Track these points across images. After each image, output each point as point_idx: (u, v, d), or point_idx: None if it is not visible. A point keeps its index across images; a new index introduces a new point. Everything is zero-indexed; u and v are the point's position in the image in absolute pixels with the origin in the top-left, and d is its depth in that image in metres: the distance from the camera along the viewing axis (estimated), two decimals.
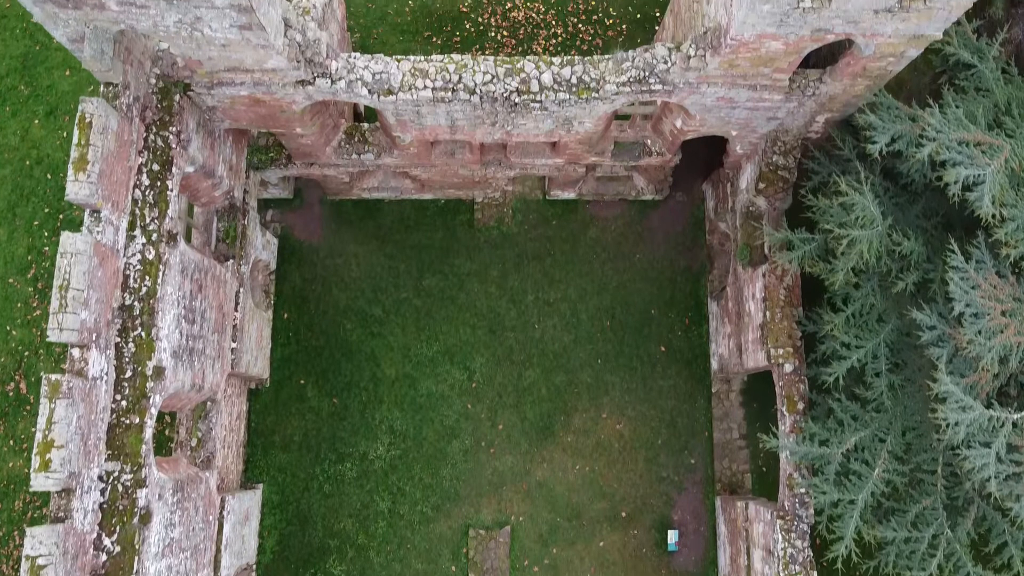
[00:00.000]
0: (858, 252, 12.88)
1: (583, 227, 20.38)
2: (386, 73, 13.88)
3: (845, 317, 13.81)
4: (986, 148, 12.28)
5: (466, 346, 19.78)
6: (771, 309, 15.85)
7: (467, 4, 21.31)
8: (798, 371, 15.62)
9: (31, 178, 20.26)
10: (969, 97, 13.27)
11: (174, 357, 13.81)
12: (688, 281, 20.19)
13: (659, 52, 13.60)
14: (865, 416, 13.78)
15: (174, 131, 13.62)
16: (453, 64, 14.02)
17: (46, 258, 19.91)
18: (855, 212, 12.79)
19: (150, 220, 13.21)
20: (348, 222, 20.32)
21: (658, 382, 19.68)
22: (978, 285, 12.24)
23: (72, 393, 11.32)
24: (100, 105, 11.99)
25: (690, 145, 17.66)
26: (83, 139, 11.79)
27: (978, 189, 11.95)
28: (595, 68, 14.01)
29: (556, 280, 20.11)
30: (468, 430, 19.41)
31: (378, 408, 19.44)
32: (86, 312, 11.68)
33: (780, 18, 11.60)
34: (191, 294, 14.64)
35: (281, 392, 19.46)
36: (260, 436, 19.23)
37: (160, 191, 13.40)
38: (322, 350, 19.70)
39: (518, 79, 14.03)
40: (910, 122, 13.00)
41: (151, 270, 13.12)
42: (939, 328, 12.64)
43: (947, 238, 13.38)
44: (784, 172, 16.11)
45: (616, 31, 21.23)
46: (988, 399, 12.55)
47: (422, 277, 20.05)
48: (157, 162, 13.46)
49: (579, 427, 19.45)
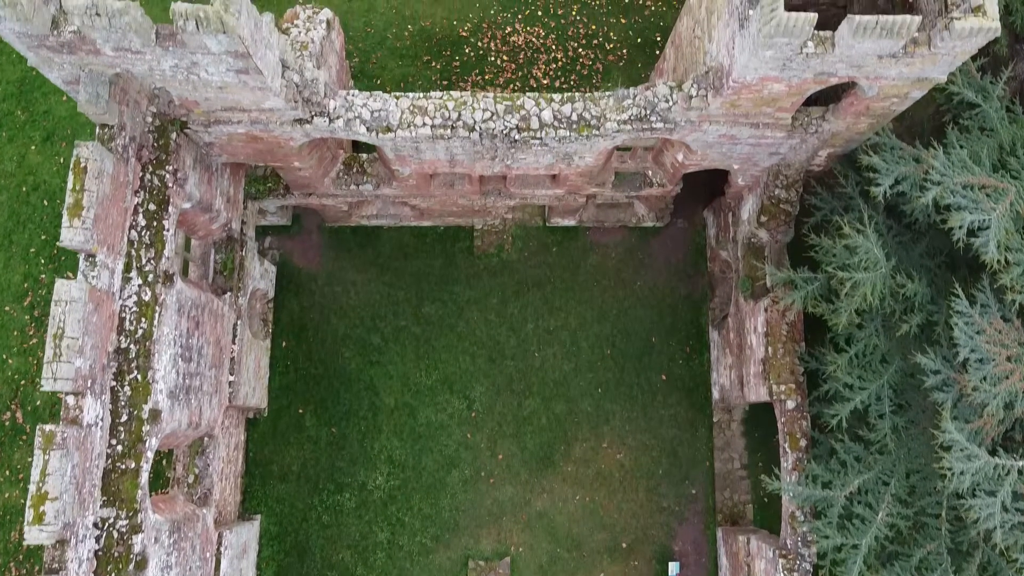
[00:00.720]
0: (861, 295, 12.74)
1: (583, 254, 20.24)
2: (384, 111, 13.74)
3: (848, 358, 13.67)
4: (991, 191, 12.15)
5: (465, 375, 19.63)
6: (773, 344, 15.72)
7: (467, 29, 21.18)
8: (800, 408, 15.49)
9: (27, 204, 20.12)
10: (973, 137, 13.13)
11: (170, 398, 13.68)
12: (689, 309, 20.04)
13: (660, 91, 13.46)
14: (868, 458, 13.65)
15: (170, 170, 13.49)
16: (452, 101, 13.88)
17: (42, 286, 19.77)
18: (858, 255, 12.65)
19: (146, 261, 13.08)
20: (347, 249, 20.18)
21: (659, 411, 19.54)
22: (983, 330, 12.11)
23: (66, 443, 11.18)
24: (95, 149, 11.85)
25: (692, 172, 17.52)
26: (78, 184, 11.65)
27: (983, 234, 11.82)
28: (596, 105, 13.88)
29: (556, 308, 19.97)
30: (468, 460, 19.26)
31: (377, 437, 19.29)
32: (81, 360, 11.54)
33: (783, 62, 11.47)
34: (188, 332, 14.50)
35: (279, 421, 19.31)
36: (258, 466, 19.09)
37: (156, 231, 13.27)
38: (321, 379, 19.56)
39: (518, 116, 13.90)
40: (914, 163, 12.87)
41: (147, 312, 12.99)
42: (943, 373, 12.50)
43: (951, 279, 13.25)
44: (786, 205, 15.97)
45: (616, 56, 21.10)
46: (993, 444, 12.42)
47: (421, 305, 19.91)
48: (153, 201, 13.33)
49: (579, 456, 19.31)
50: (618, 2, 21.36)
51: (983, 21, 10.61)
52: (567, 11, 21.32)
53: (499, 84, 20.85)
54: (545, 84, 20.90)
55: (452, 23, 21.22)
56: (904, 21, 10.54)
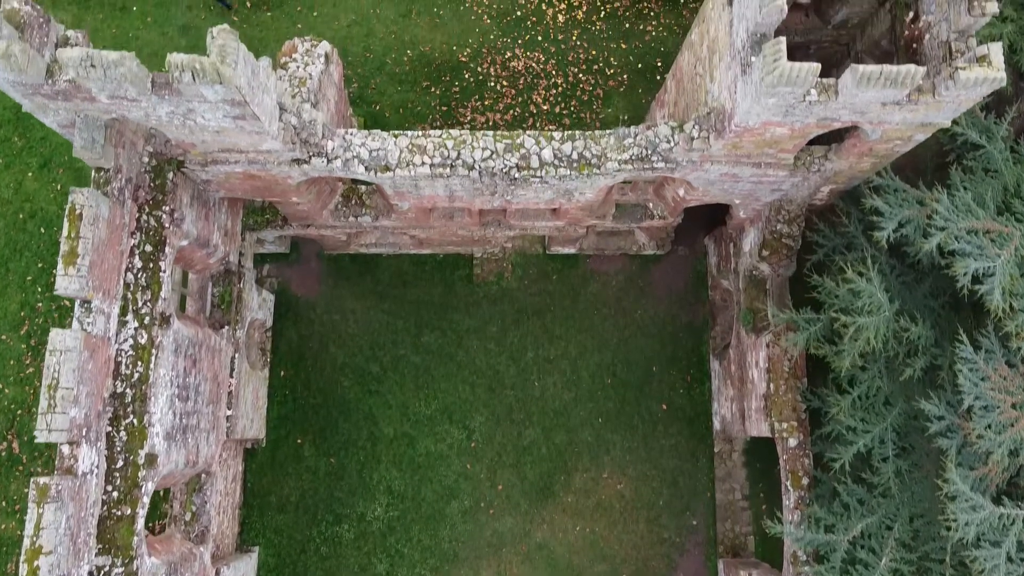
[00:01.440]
0: (864, 339, 12.61)
1: (584, 282, 20.12)
2: (383, 150, 13.62)
3: (851, 400, 13.54)
4: (995, 236, 12.03)
5: (465, 404, 19.50)
6: (775, 381, 15.59)
7: (466, 54, 21.05)
8: (803, 446, 15.36)
9: (24, 232, 19.98)
10: (977, 178, 13.02)
11: (167, 439, 13.54)
12: (690, 337, 19.91)
13: (662, 131, 13.34)
14: (872, 501, 13.52)
15: (167, 210, 13.37)
16: (451, 140, 13.75)
17: (39, 314, 19.64)
18: (862, 298, 12.53)
19: (142, 304, 12.96)
20: (346, 277, 20.05)
21: (659, 441, 19.40)
22: (988, 377, 11.99)
23: (61, 495, 11.05)
24: (91, 195, 11.73)
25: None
26: (73, 231, 11.53)
27: (988, 281, 11.69)
28: (596, 144, 13.75)
29: (556, 336, 19.84)
30: (467, 490, 19.13)
31: (376, 468, 19.16)
32: (76, 409, 11.42)
33: (786, 109, 11.35)
34: (185, 371, 14.37)
35: (278, 451, 19.18)
36: (256, 497, 18.95)
37: (153, 273, 13.15)
38: (319, 408, 19.43)
39: (518, 155, 13.77)
40: (917, 206, 12.75)
41: (144, 355, 12.86)
42: (947, 419, 12.38)
43: (956, 321, 13.14)
44: (788, 240, 15.85)
45: (617, 81, 20.98)
46: (997, 491, 12.30)
47: (420, 334, 19.78)
48: (150, 243, 13.22)
49: (579, 487, 19.18)
50: (618, 27, 21.24)
51: (988, 71, 10.49)
52: (567, 36, 21.20)
53: (499, 110, 20.73)
54: (545, 110, 20.78)
55: (451, 48, 21.10)
56: (908, 71, 10.42)
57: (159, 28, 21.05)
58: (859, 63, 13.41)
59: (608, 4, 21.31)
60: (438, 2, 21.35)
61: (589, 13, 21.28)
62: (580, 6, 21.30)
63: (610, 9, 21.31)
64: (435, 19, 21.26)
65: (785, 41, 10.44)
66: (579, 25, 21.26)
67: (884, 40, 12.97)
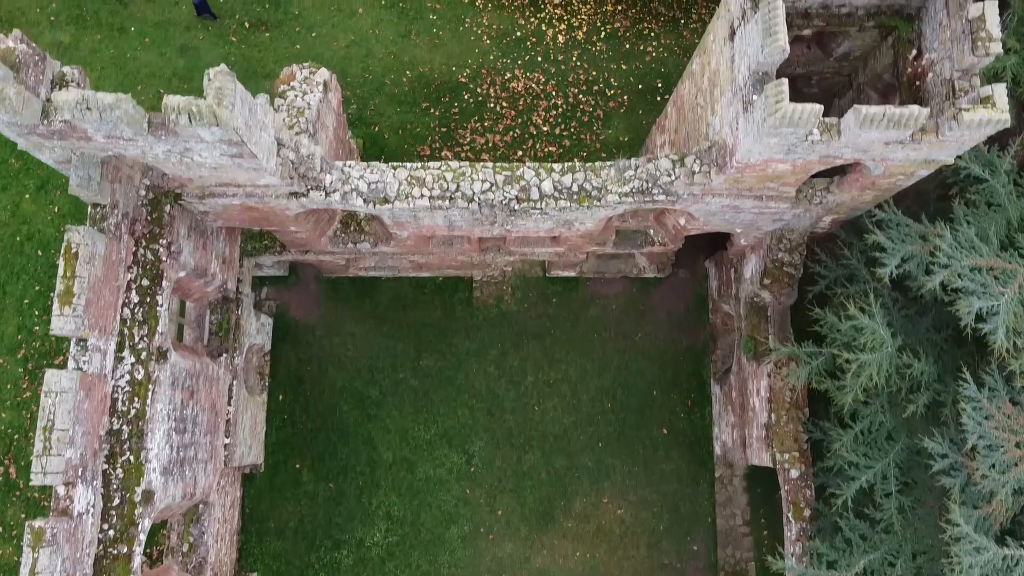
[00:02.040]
0: (867, 376, 12.50)
1: (584, 305, 20.01)
2: (382, 182, 13.51)
3: (853, 435, 13.43)
4: (999, 273, 11.93)
5: (465, 429, 19.40)
6: (776, 411, 15.48)
7: (465, 75, 20.95)
8: (804, 476, 15.25)
9: (21, 255, 19.88)
10: (980, 212, 12.90)
11: (164, 474, 13.44)
12: (690, 361, 19.81)
13: (663, 164, 13.24)
14: (874, 537, 13.41)
15: (164, 243, 13.27)
16: (451, 172, 13.65)
17: (36, 337, 19.52)
18: (864, 335, 12.42)
19: (139, 339, 12.85)
20: (344, 300, 19.95)
21: (660, 465, 19.30)
22: (991, 415, 11.88)
23: (56, 539, 10.95)
24: (87, 234, 11.63)
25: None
26: (68, 271, 11.43)
27: (992, 320, 11.58)
28: (597, 176, 13.64)
29: (556, 360, 19.74)
30: (467, 516, 19.02)
31: (375, 493, 19.05)
32: (71, 450, 11.31)
33: (788, 147, 11.25)
34: (182, 403, 14.27)
35: (276, 477, 19.07)
36: (254, 522, 18.84)
37: (150, 307, 13.04)
38: (318, 433, 19.32)
39: (517, 187, 13.67)
40: (920, 241, 12.64)
41: (140, 391, 12.76)
42: (951, 457, 12.27)
43: (959, 357, 13.03)
44: (790, 268, 15.75)
45: (617, 102, 20.88)
46: (1001, 530, 12.19)
47: (420, 357, 19.68)
48: (147, 276, 13.11)
49: (580, 512, 19.08)
50: (618, 48, 21.15)
51: (992, 113, 10.39)
52: (567, 57, 21.10)
53: (498, 131, 20.64)
54: (545, 131, 20.68)
55: (451, 69, 21.01)
56: (912, 114, 10.32)
57: (157, 49, 20.95)
58: (861, 95, 13.35)
59: (608, 25, 21.22)
60: (437, 23, 21.26)
61: (589, 34, 21.19)
62: (580, 27, 21.21)
63: (610, 30, 21.22)
64: (434, 40, 21.17)
65: (787, 83, 10.34)
66: (579, 46, 21.17)
67: (887, 74, 12.87)
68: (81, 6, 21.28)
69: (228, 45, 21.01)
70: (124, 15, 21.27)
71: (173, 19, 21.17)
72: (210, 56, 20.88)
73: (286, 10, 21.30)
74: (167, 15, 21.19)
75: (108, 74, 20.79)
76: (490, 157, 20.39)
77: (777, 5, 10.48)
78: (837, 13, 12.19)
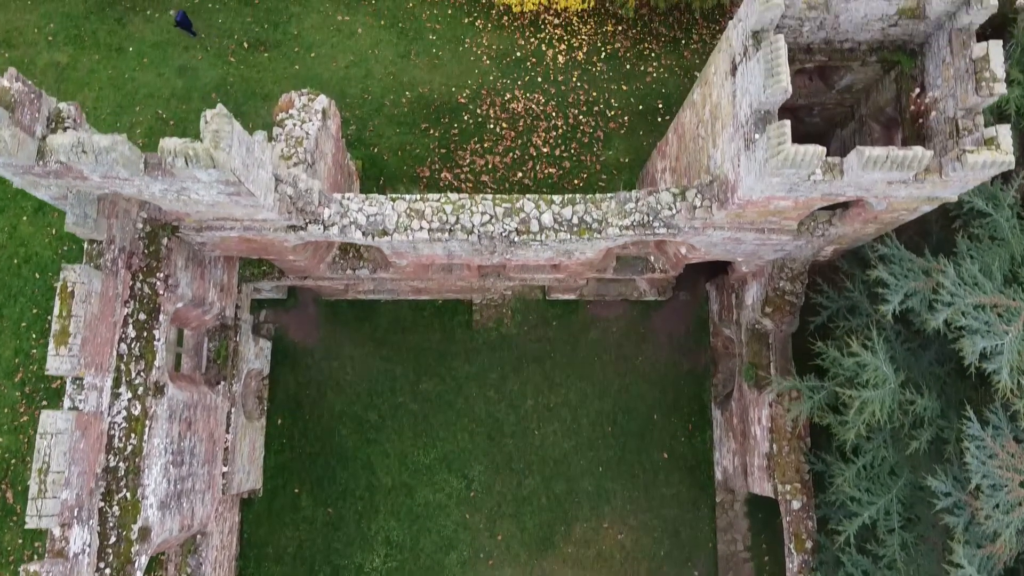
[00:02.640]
0: (870, 412, 12.40)
1: (584, 328, 19.91)
2: (381, 215, 13.41)
3: (856, 470, 13.33)
4: (1003, 311, 11.83)
5: (464, 453, 19.29)
6: (778, 442, 15.38)
7: (465, 95, 20.85)
8: (806, 508, 15.15)
9: (19, 277, 19.77)
10: (984, 246, 12.80)
11: (161, 508, 13.33)
12: (691, 384, 19.71)
13: (664, 198, 13.14)
14: (877, 573, 13.31)
15: (161, 276, 13.17)
16: (450, 204, 13.55)
17: (34, 361, 19.41)
18: (866, 373, 12.32)
19: (136, 374, 12.75)
20: (343, 323, 19.85)
21: (660, 490, 19.20)
22: (995, 454, 11.78)
23: None
24: (83, 272, 11.53)
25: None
26: (64, 310, 11.33)
27: (995, 360, 11.49)
28: (597, 208, 13.54)
29: (556, 384, 19.64)
30: (466, 541, 18.92)
31: (374, 518, 18.95)
32: (67, 491, 11.21)
33: (790, 186, 11.15)
34: (180, 436, 14.16)
35: (275, 501, 18.96)
36: (253, 547, 18.73)
37: (147, 342, 12.94)
38: (317, 457, 19.21)
39: (517, 219, 13.56)
40: (923, 276, 12.54)
41: (137, 427, 12.65)
42: (955, 495, 12.17)
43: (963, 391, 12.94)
44: (791, 297, 15.66)
45: (617, 123, 20.78)
46: (1005, 568, 12.10)
47: (419, 381, 19.57)
48: (143, 311, 13.00)
49: (580, 537, 18.97)
50: (619, 68, 21.05)
51: (996, 155, 10.30)
52: (567, 77, 21.01)
53: (498, 152, 20.54)
54: (545, 152, 20.58)
55: (450, 89, 20.91)
56: (915, 156, 10.23)
57: (155, 69, 20.86)
58: (863, 127, 13.25)
59: (609, 45, 21.12)
60: (437, 43, 21.16)
61: (590, 54, 21.09)
62: (580, 47, 21.11)
63: (611, 50, 21.12)
64: (434, 60, 21.08)
65: (789, 124, 10.24)
66: (579, 66, 21.07)
67: (889, 107, 12.77)
68: (79, 26, 21.19)
69: (227, 66, 20.91)
70: (122, 35, 21.18)
71: (171, 40, 21.07)
72: (208, 76, 20.80)
73: (285, 30, 21.21)
74: (165, 36, 21.09)
75: (106, 95, 20.70)
76: (490, 179, 20.29)
77: (780, 46, 10.39)
78: (840, 48, 12.09)
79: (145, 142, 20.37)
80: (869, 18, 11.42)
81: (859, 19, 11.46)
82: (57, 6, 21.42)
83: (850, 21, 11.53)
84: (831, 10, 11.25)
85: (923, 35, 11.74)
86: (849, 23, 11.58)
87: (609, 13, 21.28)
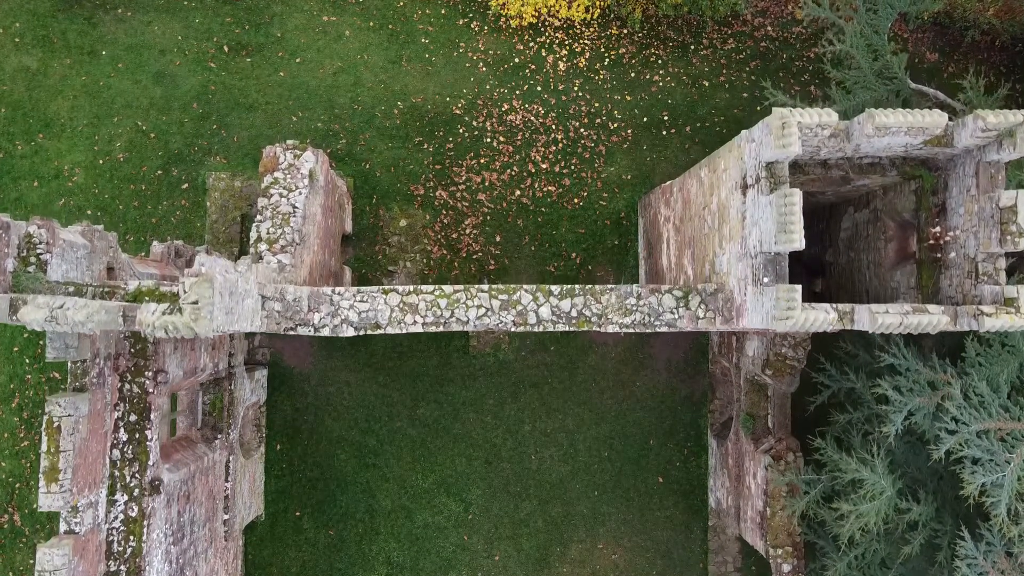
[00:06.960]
0: (865, 521, 12.46)
1: (582, 353, 19.74)
2: (373, 310, 12.97)
3: (847, 561, 13.53)
4: (1006, 435, 11.67)
5: (462, 477, 19.56)
6: (772, 505, 15.54)
7: (460, 106, 19.77)
8: (797, 570, 15.49)
9: None
10: (994, 352, 12.49)
11: None
12: (688, 410, 19.74)
13: (666, 302, 12.67)
14: None
15: (150, 375, 12.87)
16: (445, 299, 13.08)
17: (29, 386, 19.36)
18: (864, 488, 12.29)
19: (130, 477, 12.70)
20: (339, 348, 19.64)
21: (655, 513, 19.60)
22: (986, 572, 11.93)
23: None
24: (68, 404, 11.26)
25: None
26: (52, 446, 11.14)
27: (995, 493, 11.43)
28: (597, 302, 13.09)
29: (554, 409, 19.66)
30: (465, 561, 19.48)
31: (375, 540, 19.43)
32: None
33: (799, 327, 10.72)
34: (179, 514, 14.28)
35: (277, 524, 19.38)
36: (257, 569, 19.31)
37: (139, 443, 12.81)
38: (317, 481, 19.49)
39: (514, 312, 13.14)
40: (929, 391, 12.28)
41: (135, 528, 12.72)
42: None
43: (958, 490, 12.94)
44: (793, 362, 15.42)
45: (620, 136, 19.82)
46: None
47: (416, 406, 19.59)
48: (134, 411, 12.80)
49: (575, 558, 19.53)
50: (623, 76, 19.87)
51: (1016, 320, 9.85)
52: (568, 86, 19.86)
53: (495, 168, 19.70)
54: (544, 168, 19.74)
55: (445, 99, 19.81)
56: (931, 321, 9.78)
57: (131, 75, 19.68)
58: (878, 222, 12.64)
59: (613, 51, 19.85)
60: (430, 47, 19.88)
61: (592, 61, 19.85)
62: (583, 52, 19.84)
63: (615, 56, 19.87)
64: (427, 66, 19.86)
65: (800, 289, 9.73)
66: (581, 74, 19.87)
67: (907, 214, 12.11)
68: (47, 26, 19.83)
69: (207, 72, 19.71)
70: (94, 36, 19.85)
71: (146, 42, 19.77)
72: (188, 84, 19.65)
73: (268, 32, 19.86)
74: (139, 37, 19.77)
75: (81, 104, 19.62)
76: (487, 197, 19.55)
77: (795, 200, 9.73)
78: (859, 164, 11.33)
79: (127, 156, 19.51)
80: (893, 146, 10.63)
81: (882, 146, 10.67)
82: (22, 2, 19.97)
83: (871, 146, 10.75)
84: (852, 140, 10.46)
85: (949, 155, 10.98)
86: (870, 147, 10.80)
87: (614, 16, 19.87)
